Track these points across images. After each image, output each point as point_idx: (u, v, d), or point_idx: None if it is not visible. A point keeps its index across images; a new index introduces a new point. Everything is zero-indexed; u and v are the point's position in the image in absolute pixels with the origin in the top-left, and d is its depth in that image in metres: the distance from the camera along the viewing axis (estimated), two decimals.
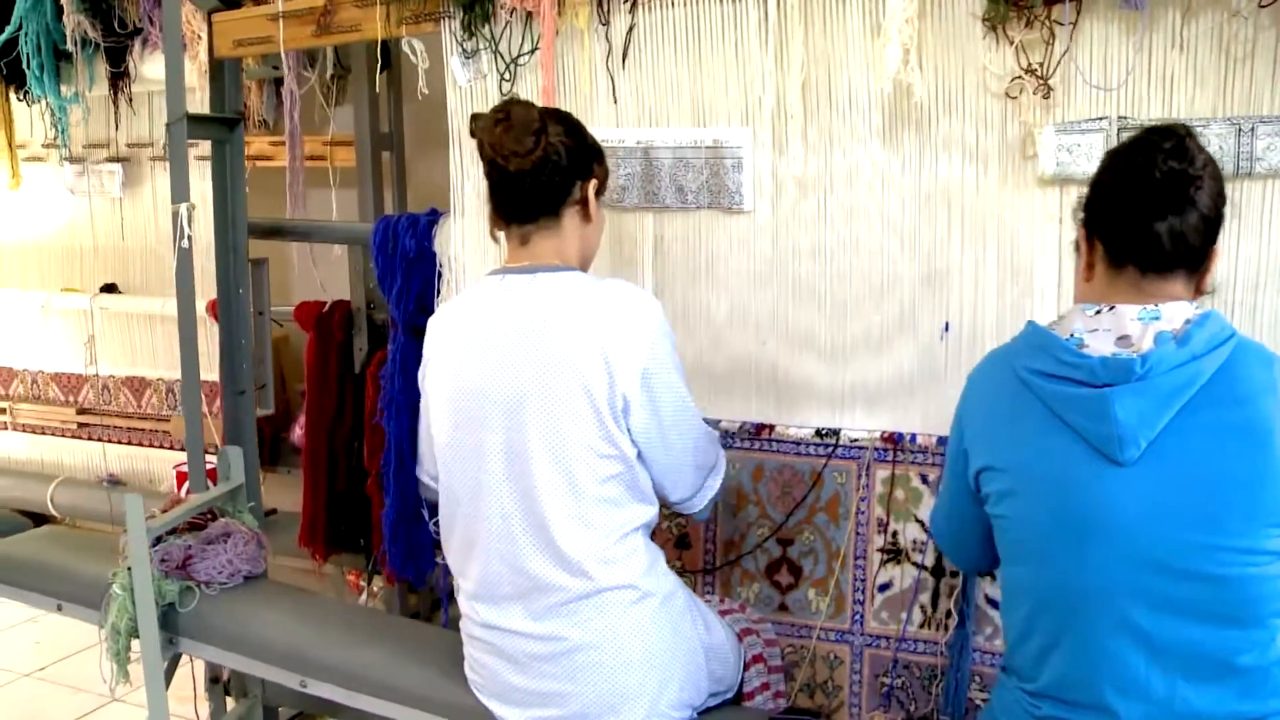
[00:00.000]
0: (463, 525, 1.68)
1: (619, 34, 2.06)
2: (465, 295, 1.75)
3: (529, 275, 1.65)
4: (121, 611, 1.95)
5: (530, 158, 1.61)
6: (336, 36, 2.29)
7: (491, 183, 1.67)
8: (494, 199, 1.69)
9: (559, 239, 1.68)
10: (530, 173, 1.62)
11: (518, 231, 1.68)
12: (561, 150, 1.63)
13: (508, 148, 1.61)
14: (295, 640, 1.92)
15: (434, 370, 1.71)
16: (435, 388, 1.70)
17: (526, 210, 1.66)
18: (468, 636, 1.73)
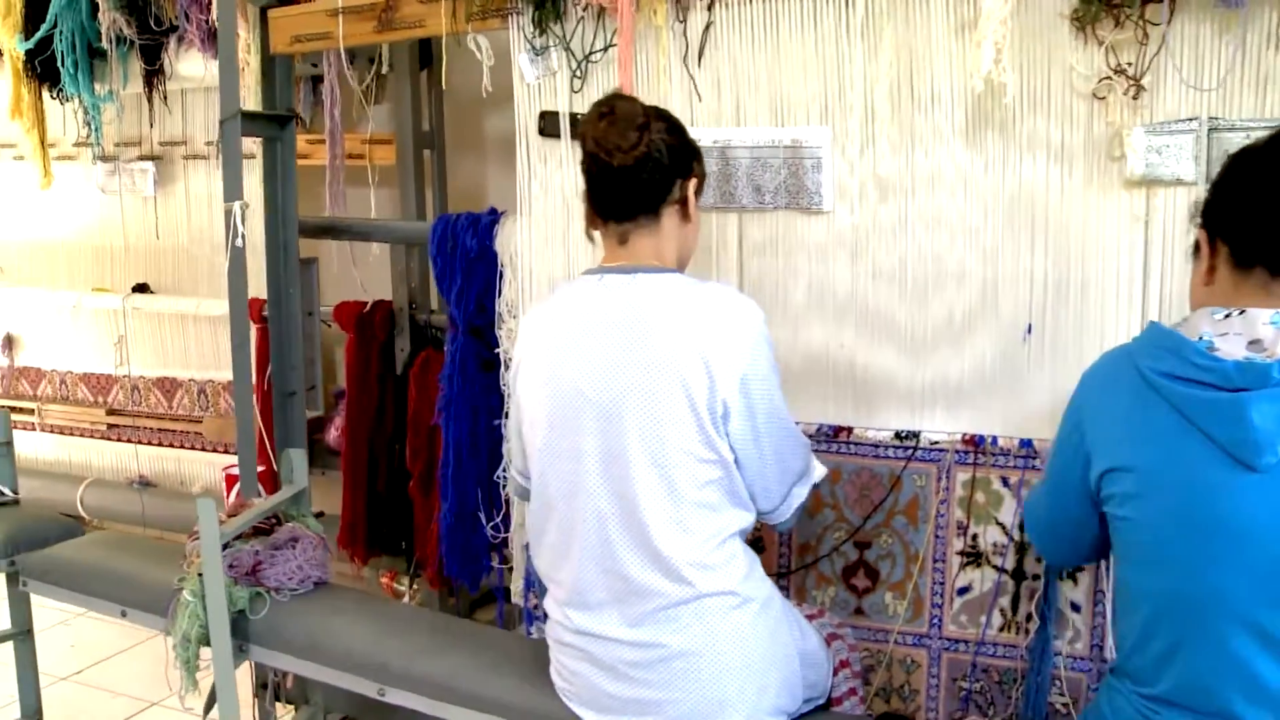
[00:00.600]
0: (556, 530, 1.65)
1: (695, 31, 2.03)
2: (559, 294, 1.72)
3: (628, 275, 1.63)
4: (193, 619, 1.92)
5: (633, 153, 1.58)
6: (398, 33, 2.26)
7: (591, 178, 1.64)
8: (592, 195, 1.66)
9: (658, 238, 1.65)
10: (632, 168, 1.59)
11: (616, 230, 1.65)
12: (663, 147, 1.61)
13: (611, 142, 1.58)
14: (371, 647, 1.88)
15: (528, 371, 1.67)
16: (529, 388, 1.67)
17: (626, 207, 1.63)
18: (557, 643, 1.70)
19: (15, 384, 3.92)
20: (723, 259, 2.09)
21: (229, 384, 3.54)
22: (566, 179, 2.19)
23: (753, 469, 1.62)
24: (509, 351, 2.34)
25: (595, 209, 1.67)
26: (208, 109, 3.46)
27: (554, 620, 1.69)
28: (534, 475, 1.68)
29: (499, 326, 2.35)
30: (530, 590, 2.32)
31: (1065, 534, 1.58)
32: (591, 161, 1.62)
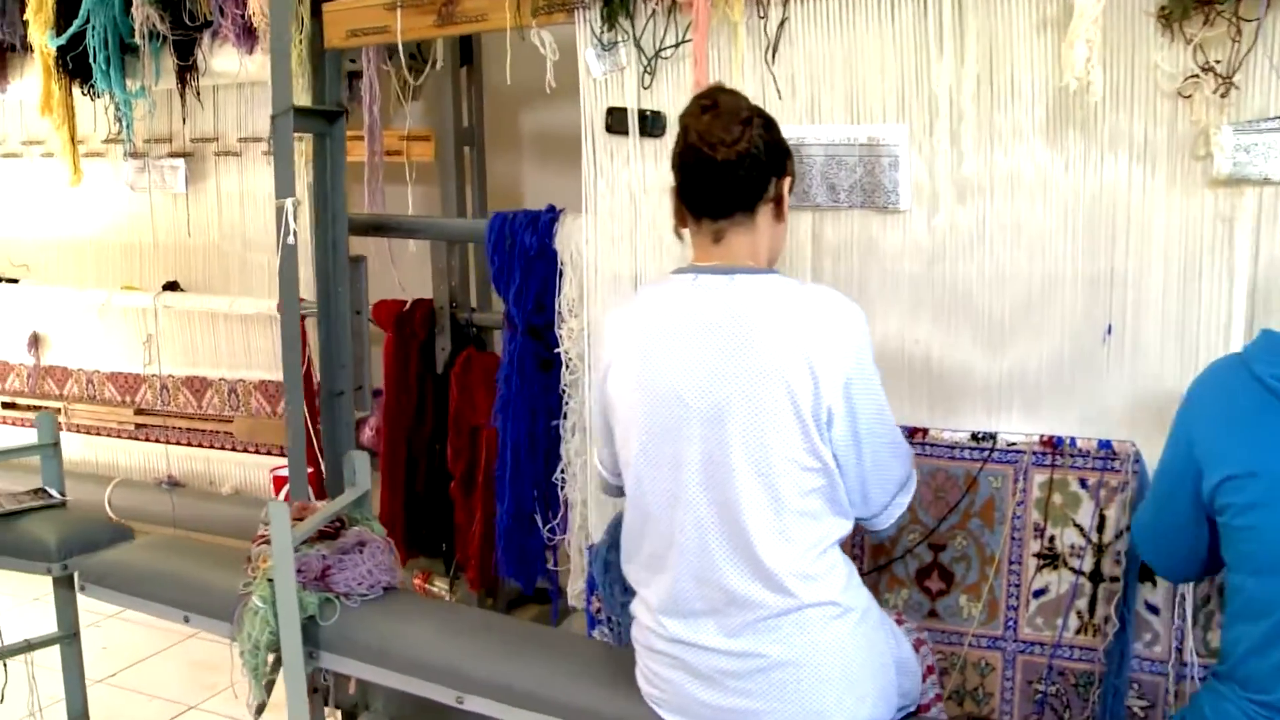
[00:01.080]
0: (653, 537, 1.62)
1: (771, 26, 2.00)
2: (649, 294, 1.68)
3: (726, 276, 1.59)
4: (263, 625, 1.88)
5: (735, 148, 1.55)
6: (459, 27, 2.22)
7: (687, 173, 1.60)
8: (687, 191, 1.62)
9: (753, 237, 1.62)
10: (734, 164, 1.55)
11: (710, 228, 1.62)
12: (761, 144, 1.58)
13: (715, 135, 1.55)
14: (448, 653, 1.85)
15: (619, 373, 1.64)
16: (621, 392, 1.64)
17: (724, 204, 1.60)
18: (647, 649, 1.67)
19: (42, 383, 3.87)
20: (796, 258, 2.06)
21: (261, 383, 3.51)
22: (634, 176, 2.16)
23: (853, 475, 1.59)
24: (569, 351, 2.31)
25: (689, 205, 1.64)
26: (240, 105, 3.42)
27: (645, 627, 1.67)
28: (629, 482, 1.64)
29: (559, 326, 2.32)
30: (593, 594, 2.29)
31: (1180, 547, 1.56)
32: (691, 155, 1.58)
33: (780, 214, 1.65)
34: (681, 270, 1.66)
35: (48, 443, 2.54)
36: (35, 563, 2.33)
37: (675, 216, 1.69)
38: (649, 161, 2.15)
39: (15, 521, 2.40)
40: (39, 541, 2.34)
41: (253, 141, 3.40)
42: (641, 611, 1.68)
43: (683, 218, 1.67)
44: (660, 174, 2.14)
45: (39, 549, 2.33)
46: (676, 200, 1.67)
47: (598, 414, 1.74)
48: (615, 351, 1.65)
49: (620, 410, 1.64)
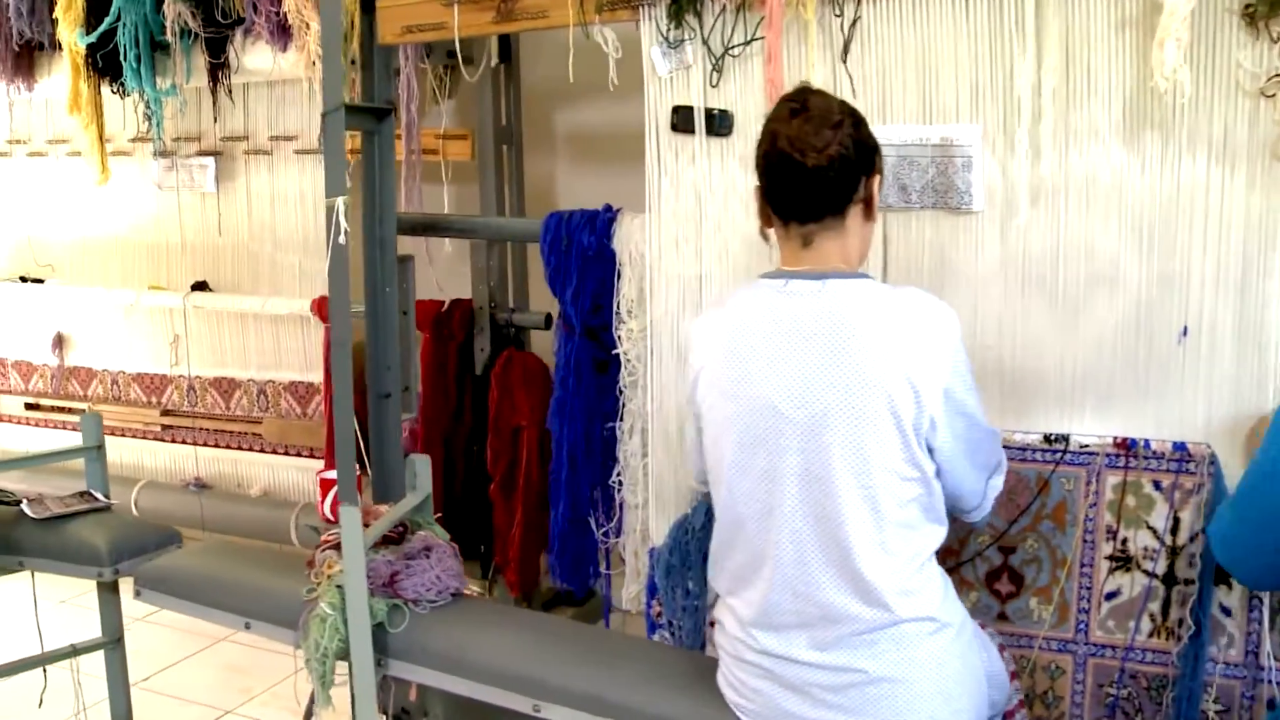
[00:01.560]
0: (746, 549, 1.60)
1: (844, 25, 1.98)
2: (738, 300, 1.65)
3: (818, 282, 1.57)
4: (333, 633, 1.85)
5: (827, 152, 1.53)
6: (518, 24, 2.19)
7: (774, 177, 1.58)
8: (774, 195, 1.60)
9: (843, 239, 1.60)
10: (825, 169, 1.53)
11: (799, 231, 1.60)
12: (850, 144, 1.55)
13: (806, 141, 1.52)
14: (523, 661, 1.82)
15: (709, 382, 1.61)
16: (711, 401, 1.61)
17: (814, 209, 1.57)
18: (736, 659, 1.65)
19: (66, 384, 3.83)
20: (876, 259, 2.04)
21: (291, 384, 3.48)
22: (698, 175, 2.14)
23: (954, 476, 1.58)
24: (628, 352, 2.29)
25: (776, 209, 1.61)
26: (271, 103, 3.39)
27: (733, 636, 1.64)
28: (721, 492, 1.62)
29: (617, 327, 2.29)
30: (654, 598, 2.27)
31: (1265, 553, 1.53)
32: (780, 161, 1.55)
33: (870, 213, 1.63)
34: (770, 275, 1.63)
35: (93, 445, 2.51)
36: (86, 567, 2.30)
37: (760, 218, 1.67)
38: (715, 160, 2.12)
39: (63, 525, 2.37)
40: (89, 546, 2.30)
41: (284, 140, 3.37)
42: (729, 621, 1.65)
43: (768, 219, 1.65)
44: (727, 174, 2.12)
45: (90, 553, 2.29)
46: (762, 202, 1.64)
47: (687, 424, 1.72)
48: (704, 360, 1.63)
49: (711, 420, 1.61)
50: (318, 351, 3.38)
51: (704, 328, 1.66)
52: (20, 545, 2.36)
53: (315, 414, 3.46)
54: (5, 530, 2.38)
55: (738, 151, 2.10)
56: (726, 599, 1.66)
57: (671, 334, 2.19)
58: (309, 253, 3.39)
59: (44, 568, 2.36)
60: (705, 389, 1.62)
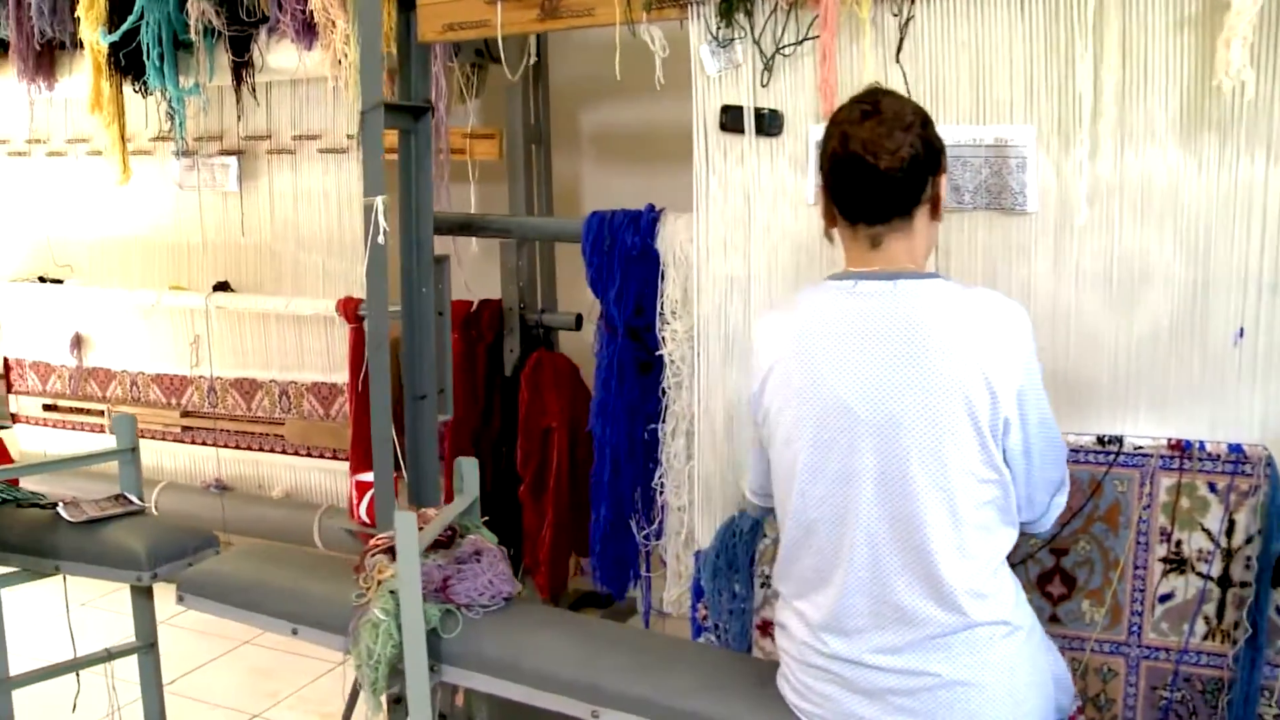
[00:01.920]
0: (816, 552, 1.58)
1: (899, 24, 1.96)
2: (805, 301, 1.64)
3: (889, 282, 1.55)
4: (386, 639, 1.83)
5: (899, 154, 1.52)
6: (564, 21, 2.17)
7: (844, 179, 1.56)
8: (841, 196, 1.58)
9: (910, 239, 1.59)
10: (898, 171, 1.52)
11: (867, 232, 1.58)
12: (920, 145, 1.54)
13: (880, 143, 1.51)
14: (580, 666, 1.80)
15: (779, 383, 1.60)
16: (780, 403, 1.59)
17: (884, 210, 1.56)
18: (802, 664, 1.64)
19: (84, 385, 3.80)
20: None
21: (314, 385, 3.46)
22: (747, 175, 2.12)
23: (1023, 480, 1.57)
24: (672, 354, 2.27)
25: (843, 210, 1.60)
26: (294, 102, 3.36)
27: (799, 641, 1.63)
28: (790, 496, 1.59)
29: (660, 328, 2.28)
30: (699, 601, 2.25)
31: None
32: (851, 163, 1.54)
33: (936, 213, 1.62)
34: (837, 276, 1.62)
35: (126, 448, 2.48)
36: (125, 571, 2.27)
37: (825, 219, 1.65)
38: (764, 160, 2.11)
39: (100, 529, 2.34)
40: (128, 550, 2.27)
41: (308, 139, 3.34)
42: (796, 625, 1.64)
43: (833, 220, 1.63)
44: (776, 174, 2.10)
45: (128, 558, 2.27)
46: (828, 203, 1.63)
47: (748, 430, 1.70)
48: (772, 361, 1.61)
49: (780, 422, 1.60)
50: (341, 352, 3.36)
51: (770, 329, 1.65)
52: (57, 549, 2.33)
53: (339, 415, 3.44)
54: (41, 534, 2.35)
55: (788, 151, 2.09)
56: (793, 602, 1.64)
57: (719, 335, 2.18)
58: (332, 253, 3.37)
59: (81, 572, 2.33)
60: (774, 390, 1.60)
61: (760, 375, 1.62)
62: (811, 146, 2.07)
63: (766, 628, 2.23)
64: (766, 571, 2.20)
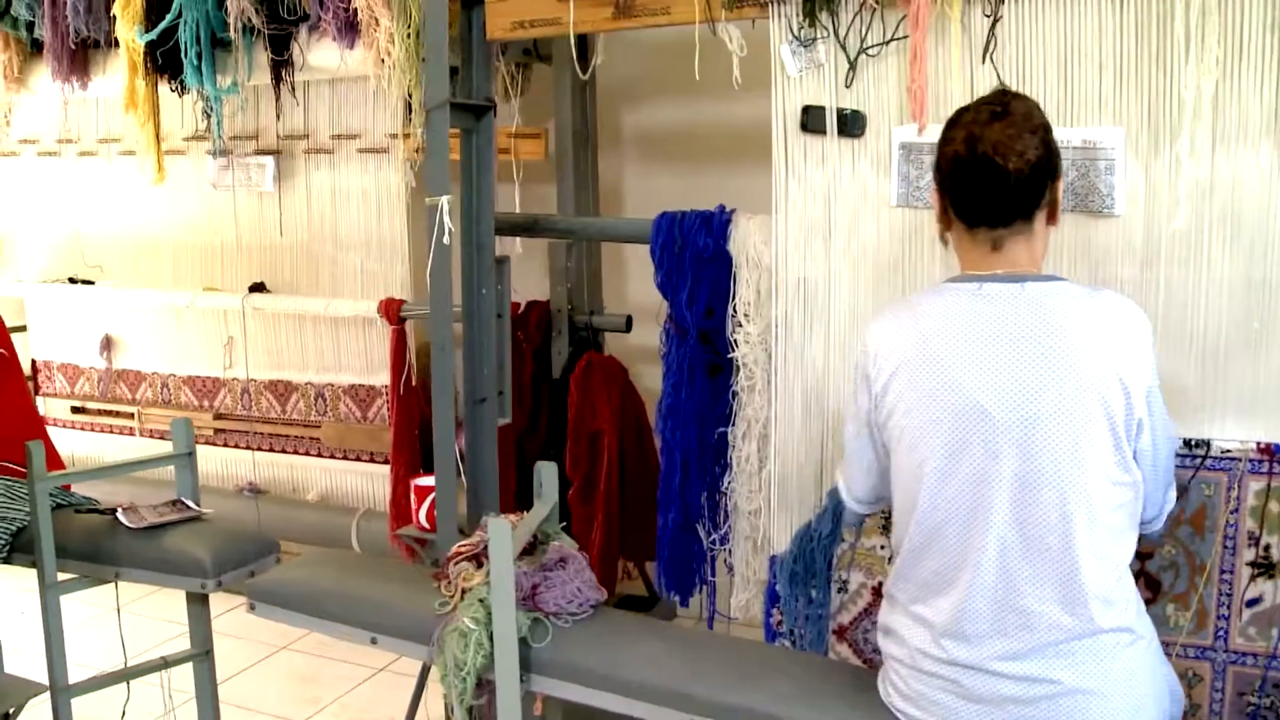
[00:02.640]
0: (940, 556, 1.56)
1: (988, 25, 1.94)
2: (928, 304, 1.61)
3: (1015, 284, 1.54)
4: (476, 649, 1.80)
5: (1026, 157, 1.50)
6: (639, 20, 2.15)
7: (969, 182, 1.54)
8: (963, 198, 1.56)
9: (1030, 243, 1.57)
10: (1025, 173, 1.50)
11: (987, 236, 1.56)
12: (1044, 148, 1.53)
13: (1010, 146, 1.49)
14: (674, 675, 1.76)
15: (906, 385, 1.57)
16: (905, 406, 1.57)
17: (1007, 213, 1.54)
18: (914, 670, 1.61)
19: (114, 387, 3.75)
20: None
21: (351, 387, 3.42)
22: (828, 177, 2.10)
23: (1150, 480, 1.57)
24: (746, 357, 2.24)
25: (963, 213, 1.57)
26: (333, 101, 3.32)
27: (914, 647, 1.60)
28: (916, 499, 1.57)
29: (733, 330, 2.25)
30: (774, 606, 2.23)
31: None
32: (978, 165, 1.52)
33: (1054, 217, 1.61)
34: (960, 279, 1.60)
35: (183, 452, 2.44)
36: (188, 579, 2.23)
37: (940, 222, 1.63)
38: (845, 162, 2.09)
39: (160, 535, 2.30)
40: (191, 557, 2.23)
41: (346, 138, 3.30)
42: (910, 630, 1.61)
43: (948, 223, 1.61)
44: (858, 175, 2.08)
45: (192, 564, 2.23)
46: (944, 206, 1.60)
47: (860, 435, 1.67)
48: (896, 363, 1.58)
49: (907, 425, 1.57)
50: (380, 354, 3.32)
51: (889, 332, 1.62)
52: (117, 555, 2.28)
53: (376, 418, 3.40)
54: (100, 540, 2.31)
55: (870, 152, 2.07)
56: (910, 607, 1.61)
57: (798, 338, 2.16)
58: (371, 253, 3.33)
59: (142, 579, 2.29)
60: (898, 394, 1.58)
61: (882, 379, 1.60)
62: (894, 147, 2.05)
63: (843, 633, 2.22)
64: (844, 577, 2.18)
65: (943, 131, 1.58)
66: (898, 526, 1.64)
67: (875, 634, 2.16)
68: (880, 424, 1.61)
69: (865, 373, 1.63)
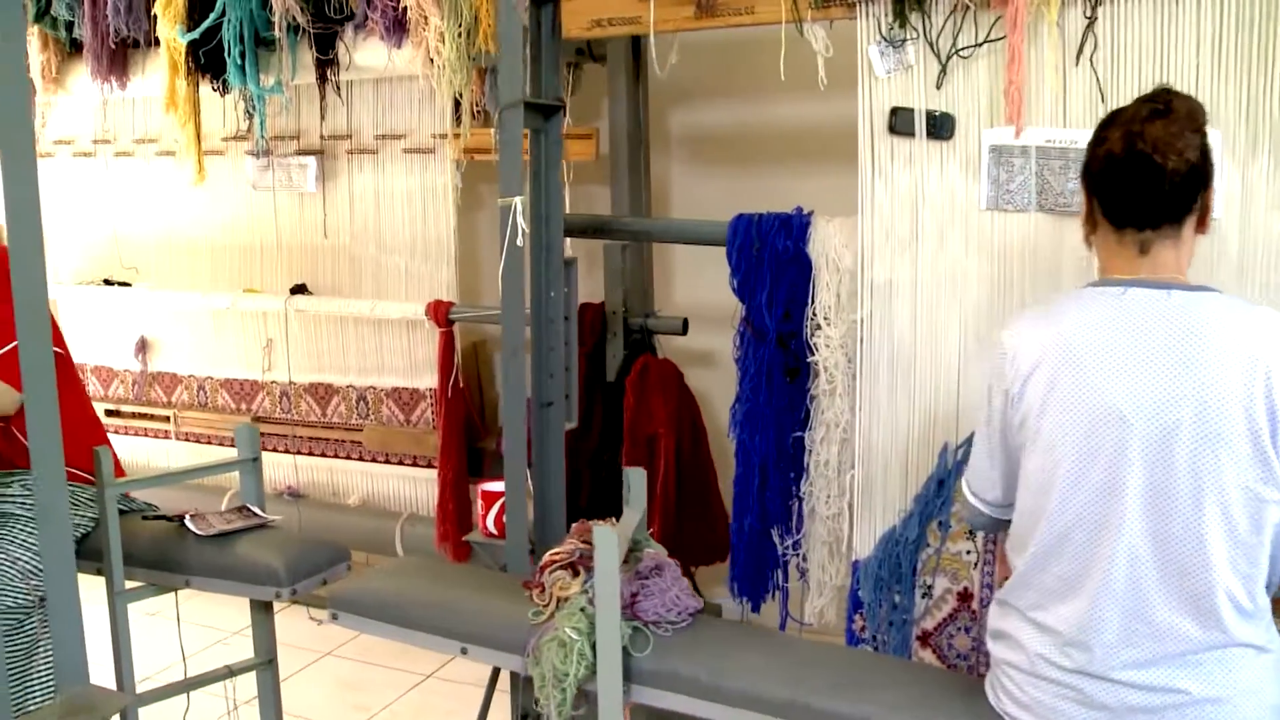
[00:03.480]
0: (1066, 562, 1.53)
1: (1083, 27, 1.93)
2: (1068, 307, 1.59)
3: (1161, 291, 1.51)
4: (578, 659, 1.77)
5: (1186, 156, 1.48)
6: (722, 20, 2.13)
7: (1122, 180, 1.51)
8: (1116, 200, 1.54)
9: (1177, 249, 1.55)
10: (1184, 172, 1.48)
11: (1135, 238, 1.54)
12: (1201, 150, 1.51)
13: (1171, 144, 1.47)
14: (780, 685, 1.72)
15: (1044, 387, 1.54)
16: (1040, 407, 1.55)
17: (1158, 215, 1.52)
18: (1032, 676, 1.59)
19: (148, 390, 3.70)
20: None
21: (393, 390, 3.39)
22: (915, 179, 2.08)
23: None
24: (826, 360, 2.22)
25: (1112, 214, 1.55)
26: (377, 101, 3.28)
27: (1035, 654, 1.58)
28: (1046, 504, 1.54)
29: (813, 334, 2.23)
30: (856, 612, 2.21)
31: None
32: (1135, 163, 1.49)
33: (1204, 224, 1.58)
34: (1101, 284, 1.57)
35: (249, 458, 2.40)
36: (262, 587, 2.19)
37: (1085, 224, 1.60)
38: (933, 164, 2.07)
39: (231, 543, 2.26)
40: (265, 565, 2.19)
41: (391, 139, 3.27)
42: (1029, 636, 1.59)
43: (1094, 226, 1.59)
44: (946, 178, 2.06)
45: (266, 573, 2.19)
46: (1092, 208, 1.58)
47: (992, 438, 1.65)
48: (1033, 366, 1.56)
49: (1042, 428, 1.54)
50: (424, 356, 3.29)
51: (1026, 333, 1.60)
52: (186, 563, 2.24)
53: (420, 421, 3.37)
54: (168, 547, 2.27)
55: (959, 155, 2.05)
56: (1030, 613, 1.59)
57: (883, 342, 2.14)
58: (415, 255, 3.30)
59: (212, 587, 2.24)
60: (1035, 394, 1.55)
61: (1019, 381, 1.57)
62: (984, 150, 2.03)
63: (926, 638, 2.20)
64: (929, 582, 2.17)
65: (1095, 131, 1.56)
66: (1020, 531, 1.61)
67: (960, 639, 2.16)
68: (1015, 426, 1.59)
69: (1001, 374, 1.61)
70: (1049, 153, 1.99)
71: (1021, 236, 2.03)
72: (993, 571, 2.11)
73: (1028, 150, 1.99)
